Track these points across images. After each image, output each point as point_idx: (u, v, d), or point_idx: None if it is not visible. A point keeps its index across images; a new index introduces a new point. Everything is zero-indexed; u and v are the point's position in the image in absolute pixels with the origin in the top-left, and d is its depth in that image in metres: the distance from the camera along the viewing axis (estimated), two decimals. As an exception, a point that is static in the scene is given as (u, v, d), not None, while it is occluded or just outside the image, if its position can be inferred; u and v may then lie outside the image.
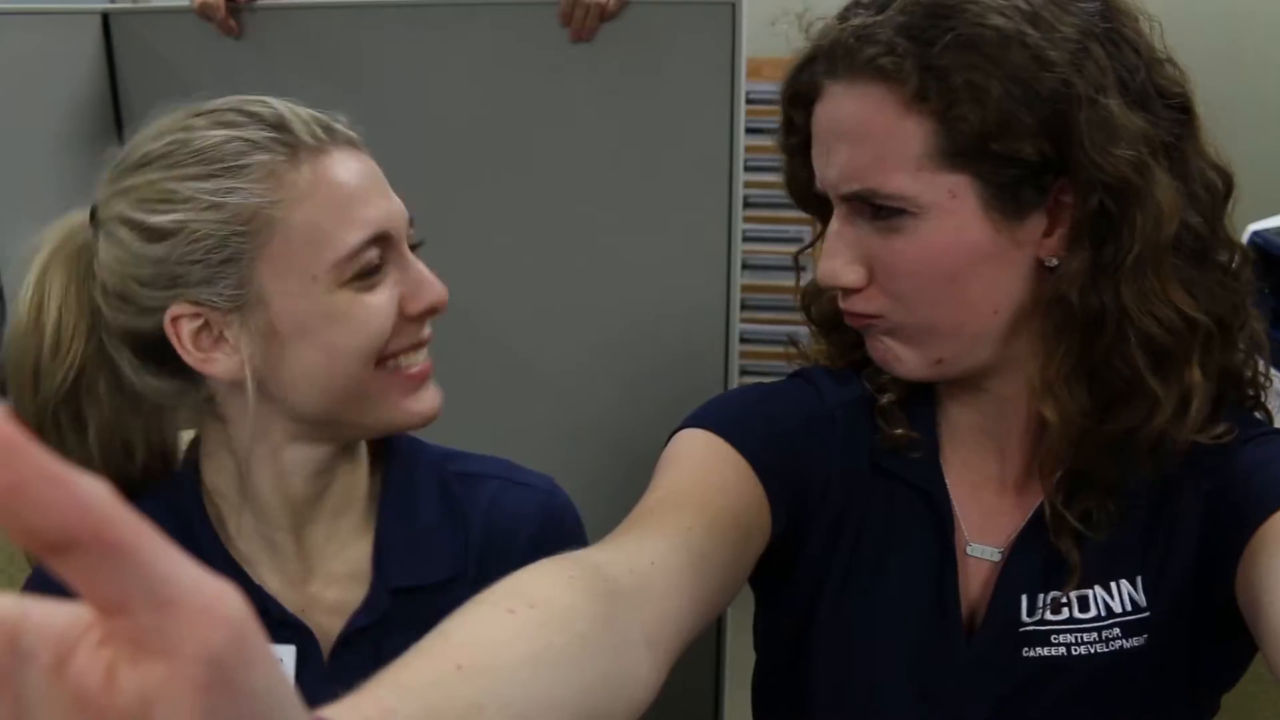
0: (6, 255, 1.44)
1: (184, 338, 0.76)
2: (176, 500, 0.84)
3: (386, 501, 0.86)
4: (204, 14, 1.50)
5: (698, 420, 0.82)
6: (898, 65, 0.70)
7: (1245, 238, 2.35)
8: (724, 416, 0.82)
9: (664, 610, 0.64)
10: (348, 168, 0.77)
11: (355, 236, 0.76)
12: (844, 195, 0.74)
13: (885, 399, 0.83)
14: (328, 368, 0.77)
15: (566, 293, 1.58)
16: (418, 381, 0.81)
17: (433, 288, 0.80)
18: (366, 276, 0.77)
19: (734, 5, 1.45)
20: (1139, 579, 0.78)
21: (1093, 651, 0.76)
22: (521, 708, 0.50)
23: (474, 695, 0.48)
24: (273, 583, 0.83)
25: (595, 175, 1.55)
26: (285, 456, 0.82)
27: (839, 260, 0.75)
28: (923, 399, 0.83)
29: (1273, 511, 0.70)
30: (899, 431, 0.81)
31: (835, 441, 0.83)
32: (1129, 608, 0.77)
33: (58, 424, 0.82)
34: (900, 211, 0.72)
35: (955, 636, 0.79)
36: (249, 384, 0.77)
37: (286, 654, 0.80)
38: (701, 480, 0.76)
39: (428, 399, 0.82)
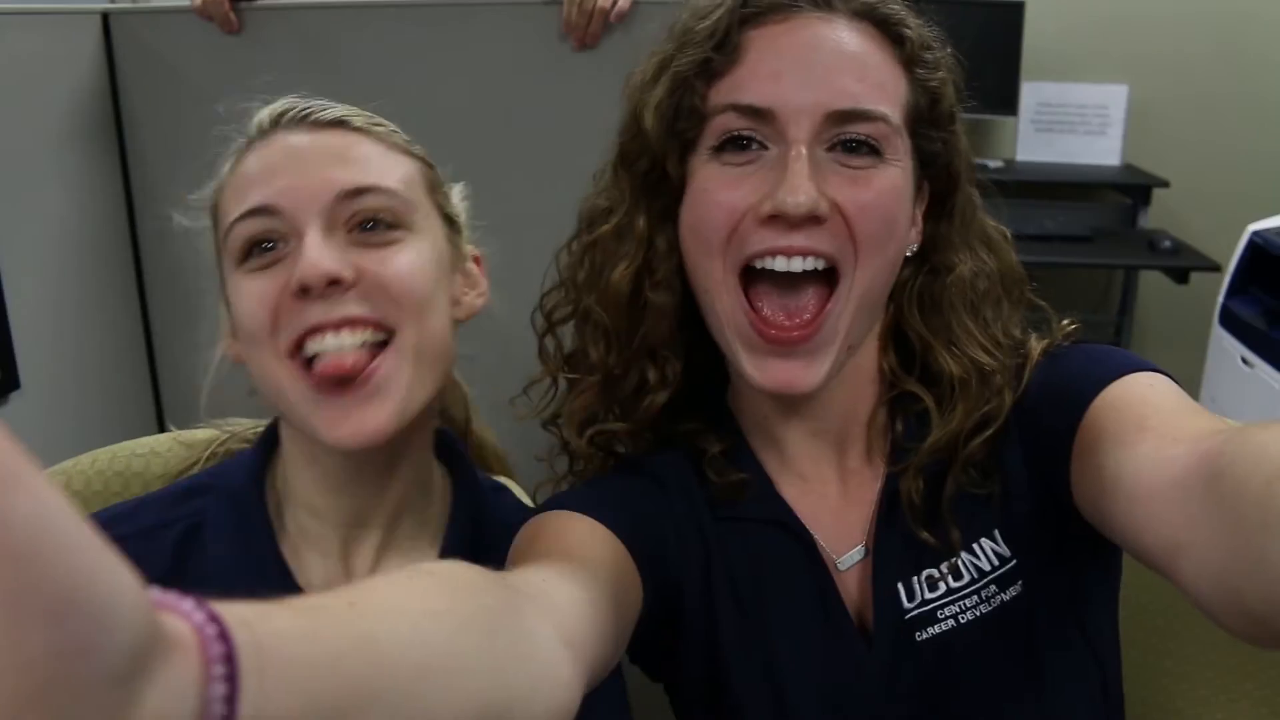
0: (6, 253, 1.44)
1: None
2: (240, 483, 0.83)
3: (454, 520, 0.85)
4: (205, 13, 1.50)
5: (545, 507, 0.80)
6: (899, 20, 0.76)
7: (1245, 238, 2.35)
8: (570, 498, 0.80)
9: (572, 615, 0.62)
10: (272, 150, 0.76)
11: (233, 214, 0.75)
12: (836, 111, 0.73)
13: (713, 450, 0.83)
14: (246, 354, 0.77)
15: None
16: (330, 383, 0.72)
17: (306, 264, 0.71)
18: (253, 257, 0.74)
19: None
20: (996, 532, 0.79)
21: (979, 614, 0.78)
22: (424, 656, 0.45)
23: (368, 629, 0.43)
24: (318, 582, 0.81)
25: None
26: (319, 463, 0.80)
27: (813, 185, 0.72)
28: (735, 445, 0.84)
29: (1080, 419, 0.73)
30: (732, 478, 0.82)
31: (678, 504, 0.83)
32: (997, 562, 0.79)
33: None
34: (872, 151, 0.74)
35: (857, 648, 0.79)
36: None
37: None
38: (565, 537, 0.74)
39: (348, 422, 0.72)
